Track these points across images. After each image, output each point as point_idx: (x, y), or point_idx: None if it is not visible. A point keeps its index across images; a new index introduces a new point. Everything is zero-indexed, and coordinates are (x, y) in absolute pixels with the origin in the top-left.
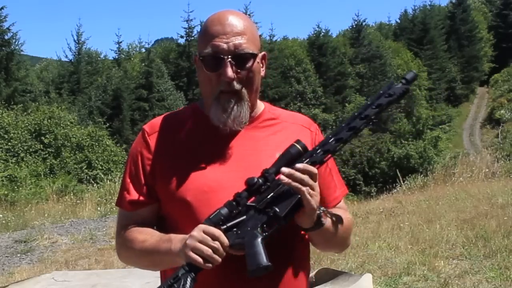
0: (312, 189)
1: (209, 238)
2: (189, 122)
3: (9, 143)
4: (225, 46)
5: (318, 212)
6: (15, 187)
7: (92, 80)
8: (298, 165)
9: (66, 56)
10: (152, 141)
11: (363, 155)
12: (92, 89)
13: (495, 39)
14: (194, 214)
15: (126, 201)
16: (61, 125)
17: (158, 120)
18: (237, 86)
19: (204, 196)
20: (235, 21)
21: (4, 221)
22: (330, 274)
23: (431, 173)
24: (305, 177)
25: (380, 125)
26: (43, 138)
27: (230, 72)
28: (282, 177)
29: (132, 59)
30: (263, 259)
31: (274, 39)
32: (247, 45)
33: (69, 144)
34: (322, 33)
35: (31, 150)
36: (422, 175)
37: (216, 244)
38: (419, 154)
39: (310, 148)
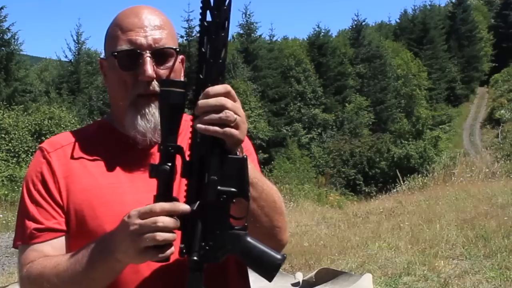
0: (237, 113)
1: (151, 220)
2: (97, 138)
3: (10, 144)
4: (143, 40)
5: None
6: (15, 187)
7: (92, 80)
8: (201, 102)
9: (66, 56)
10: (54, 159)
11: (363, 155)
12: (92, 89)
13: (495, 39)
14: None
15: (31, 230)
16: (62, 125)
17: (57, 138)
18: (157, 87)
19: None
20: (153, 15)
21: (4, 221)
22: (330, 274)
23: (431, 173)
24: (224, 102)
25: (380, 125)
26: (43, 138)
27: (150, 70)
28: (199, 126)
29: None
30: (273, 255)
31: (274, 39)
32: (168, 40)
33: None
34: (322, 33)
35: (31, 150)
36: (422, 175)
37: (161, 222)
38: (419, 154)
39: None
